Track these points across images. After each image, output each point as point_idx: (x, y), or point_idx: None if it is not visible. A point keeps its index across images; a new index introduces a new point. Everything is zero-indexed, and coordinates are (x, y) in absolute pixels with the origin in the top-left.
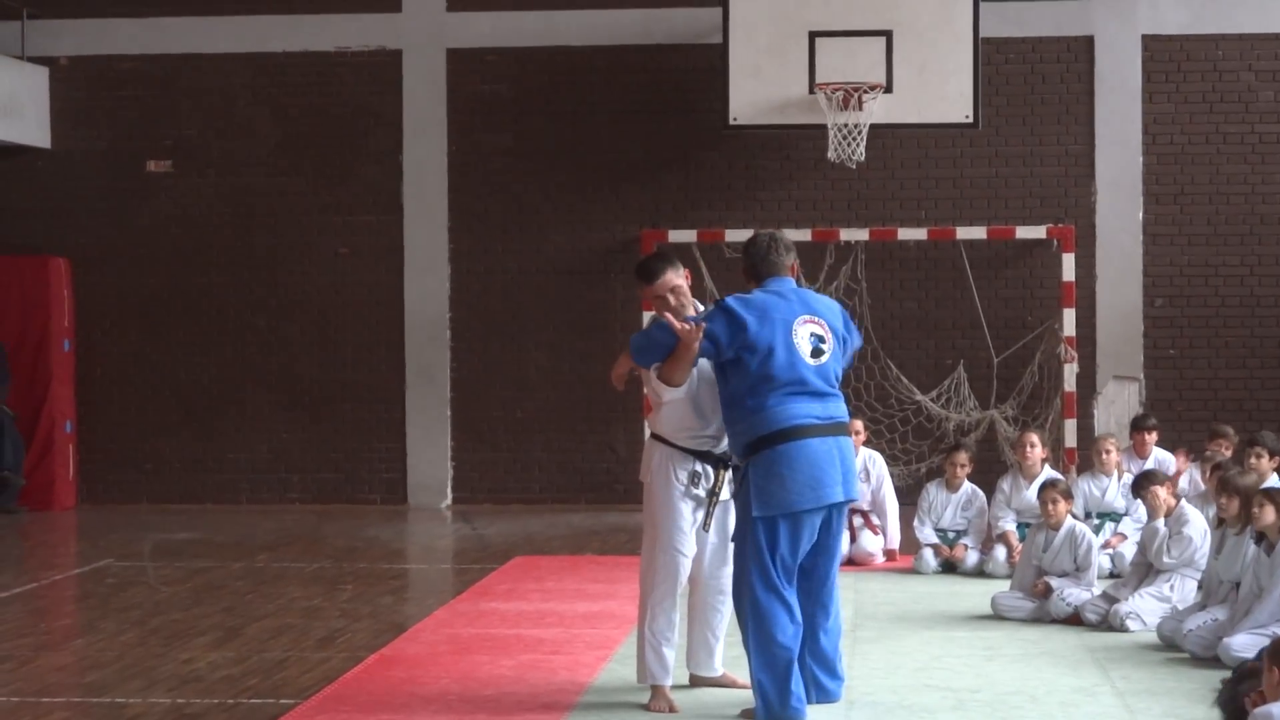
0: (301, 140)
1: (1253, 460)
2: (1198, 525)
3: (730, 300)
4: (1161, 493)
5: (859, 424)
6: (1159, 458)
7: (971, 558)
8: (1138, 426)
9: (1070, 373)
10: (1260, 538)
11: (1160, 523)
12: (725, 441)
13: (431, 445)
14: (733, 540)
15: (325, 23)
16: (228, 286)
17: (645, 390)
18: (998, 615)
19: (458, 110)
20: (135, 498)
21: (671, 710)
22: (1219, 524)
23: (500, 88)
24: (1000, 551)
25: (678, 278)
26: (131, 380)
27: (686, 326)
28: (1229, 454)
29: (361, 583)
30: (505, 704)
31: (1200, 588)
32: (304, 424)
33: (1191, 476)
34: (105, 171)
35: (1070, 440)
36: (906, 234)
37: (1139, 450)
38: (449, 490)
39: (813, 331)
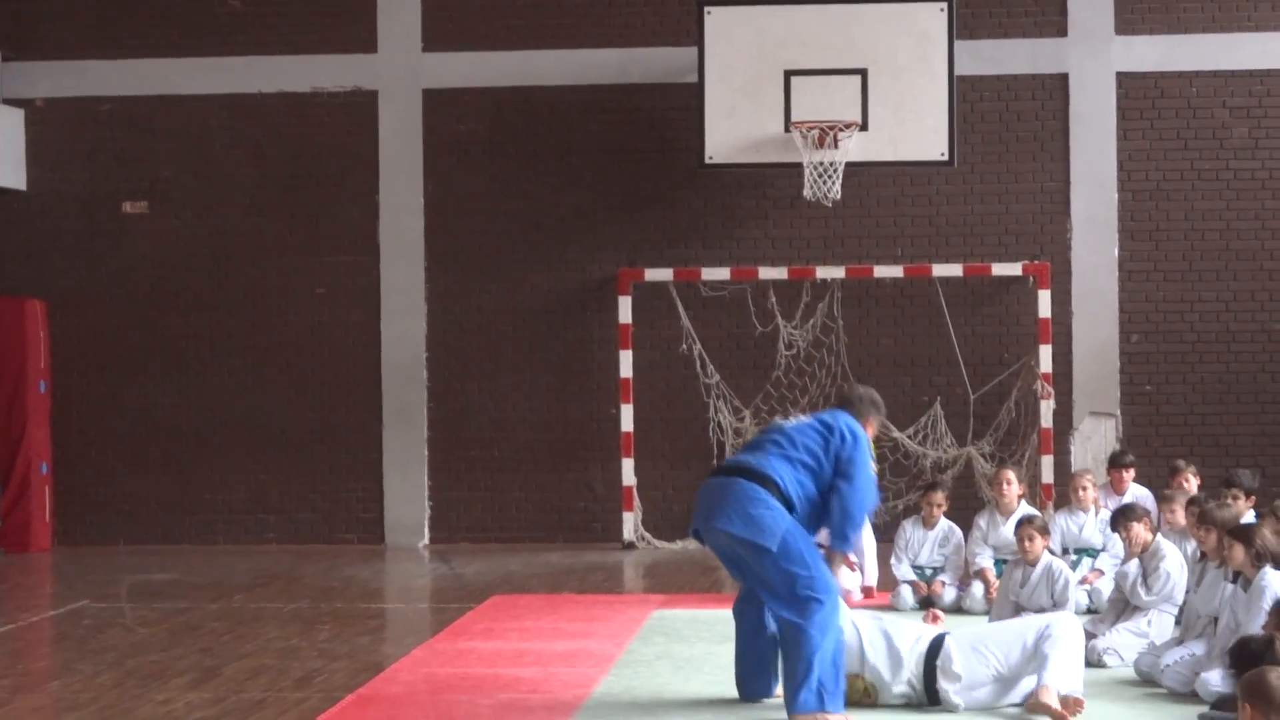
0: (278, 181)
1: (1229, 501)
2: (1175, 560)
3: None
4: (1139, 528)
5: None
6: (1136, 494)
7: (949, 594)
8: (1115, 463)
9: (1047, 409)
10: (1236, 574)
11: (1134, 562)
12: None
13: (409, 485)
14: None
15: (301, 64)
16: (204, 327)
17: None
18: None
19: (434, 150)
20: (112, 539)
21: None
22: (1200, 558)
23: (476, 128)
24: (978, 588)
25: None
26: (108, 421)
27: None
28: (1191, 484)
29: (339, 623)
30: None
31: (1178, 623)
32: (281, 464)
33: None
34: (81, 213)
35: (1047, 476)
36: (882, 271)
37: (1116, 487)
38: (426, 530)
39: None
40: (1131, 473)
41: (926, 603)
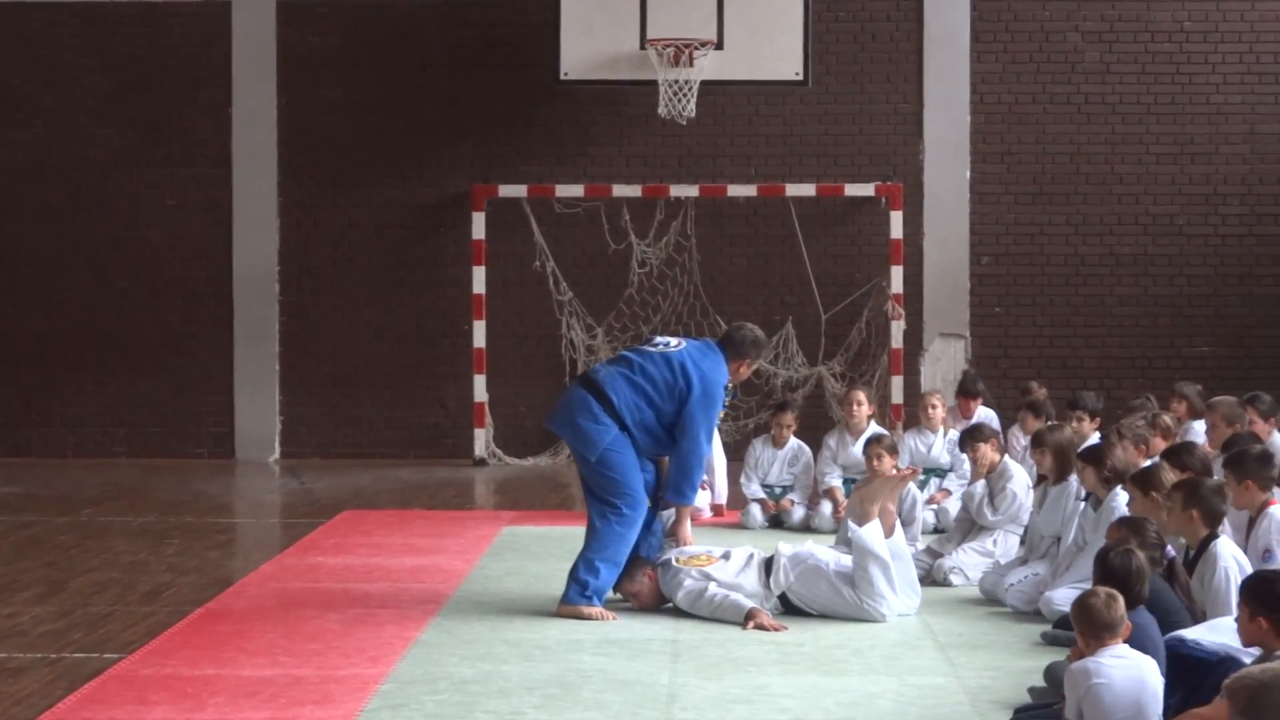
0: (130, 92)
1: (1075, 424)
2: (1020, 481)
3: None
4: (986, 449)
5: None
6: (983, 415)
7: (798, 513)
8: (963, 392)
9: (897, 330)
10: (1087, 494)
11: (980, 482)
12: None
13: (260, 399)
14: None
15: None
16: (54, 239)
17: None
18: None
19: (288, 63)
20: None
21: None
22: (1040, 480)
23: (331, 40)
24: (826, 507)
25: None
26: None
27: None
28: (1038, 395)
29: (188, 537)
30: (332, 658)
31: (1022, 543)
32: (131, 378)
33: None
34: None
35: (897, 397)
36: (736, 190)
37: (964, 412)
38: (277, 445)
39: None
40: (979, 402)
41: (776, 521)
